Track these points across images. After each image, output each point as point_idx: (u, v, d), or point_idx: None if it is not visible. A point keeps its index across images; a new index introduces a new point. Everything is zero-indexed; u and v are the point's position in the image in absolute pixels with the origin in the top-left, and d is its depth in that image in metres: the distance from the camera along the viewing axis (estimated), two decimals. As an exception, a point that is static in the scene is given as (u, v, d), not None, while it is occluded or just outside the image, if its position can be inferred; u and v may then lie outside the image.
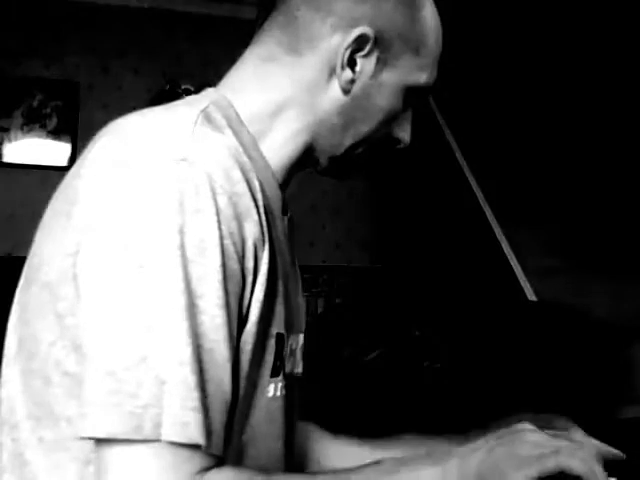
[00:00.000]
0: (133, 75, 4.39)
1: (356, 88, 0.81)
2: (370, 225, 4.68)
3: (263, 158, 0.79)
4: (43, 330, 0.67)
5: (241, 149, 0.73)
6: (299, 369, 0.88)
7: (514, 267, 3.16)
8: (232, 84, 0.82)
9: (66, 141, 4.21)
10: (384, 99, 0.82)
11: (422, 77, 0.83)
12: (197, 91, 0.83)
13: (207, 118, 0.72)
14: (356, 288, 4.58)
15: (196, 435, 0.59)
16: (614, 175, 3.38)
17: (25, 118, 4.21)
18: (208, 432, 0.60)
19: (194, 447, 0.60)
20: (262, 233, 0.71)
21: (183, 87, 4.14)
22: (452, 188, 3.79)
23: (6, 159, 4.17)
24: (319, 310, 4.40)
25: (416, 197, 4.26)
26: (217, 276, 0.63)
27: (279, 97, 0.81)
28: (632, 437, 1.30)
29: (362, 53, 0.79)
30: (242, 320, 0.69)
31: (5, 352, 0.72)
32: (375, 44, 0.79)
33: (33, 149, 4.21)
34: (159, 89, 4.25)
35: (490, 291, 3.36)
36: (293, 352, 0.84)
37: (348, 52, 0.79)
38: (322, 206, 4.59)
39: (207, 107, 0.74)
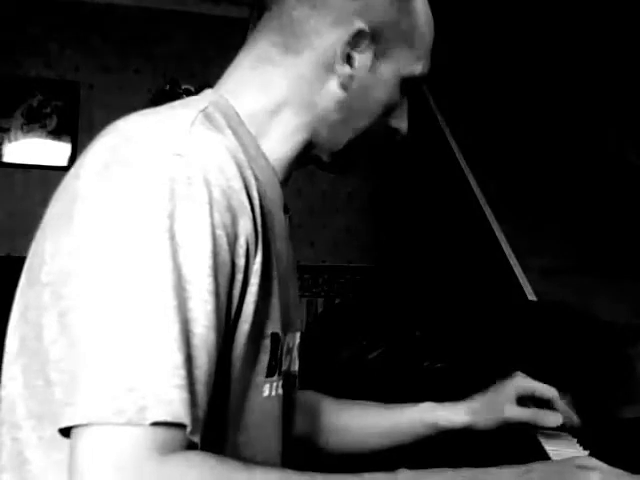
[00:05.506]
0: (133, 75, 4.39)
1: (354, 83, 0.81)
2: (370, 225, 4.67)
3: (264, 157, 0.80)
4: (45, 329, 0.67)
5: (240, 148, 0.73)
6: (295, 367, 0.88)
7: (514, 267, 3.16)
8: (229, 85, 0.83)
9: (66, 141, 4.21)
10: (382, 92, 0.83)
11: (417, 68, 0.85)
12: (197, 91, 0.83)
13: (207, 118, 0.72)
14: (356, 288, 4.58)
15: (181, 413, 0.56)
16: (614, 175, 3.38)
17: (25, 118, 4.20)
18: (192, 414, 0.57)
19: (176, 426, 0.56)
20: (256, 231, 0.70)
21: (183, 87, 4.15)
22: (452, 188, 3.79)
23: (6, 159, 4.16)
24: (319, 310, 4.40)
25: (416, 197, 4.26)
26: (207, 262, 0.62)
27: (277, 97, 0.81)
28: (632, 437, 1.30)
29: (359, 48, 0.80)
30: (231, 318, 0.68)
31: (6, 351, 0.72)
32: (371, 38, 0.80)
33: (33, 149, 4.20)
34: (159, 89, 4.25)
35: (490, 291, 3.36)
36: (290, 351, 0.84)
37: (347, 48, 0.79)
38: (322, 206, 4.59)
39: (206, 107, 0.74)
